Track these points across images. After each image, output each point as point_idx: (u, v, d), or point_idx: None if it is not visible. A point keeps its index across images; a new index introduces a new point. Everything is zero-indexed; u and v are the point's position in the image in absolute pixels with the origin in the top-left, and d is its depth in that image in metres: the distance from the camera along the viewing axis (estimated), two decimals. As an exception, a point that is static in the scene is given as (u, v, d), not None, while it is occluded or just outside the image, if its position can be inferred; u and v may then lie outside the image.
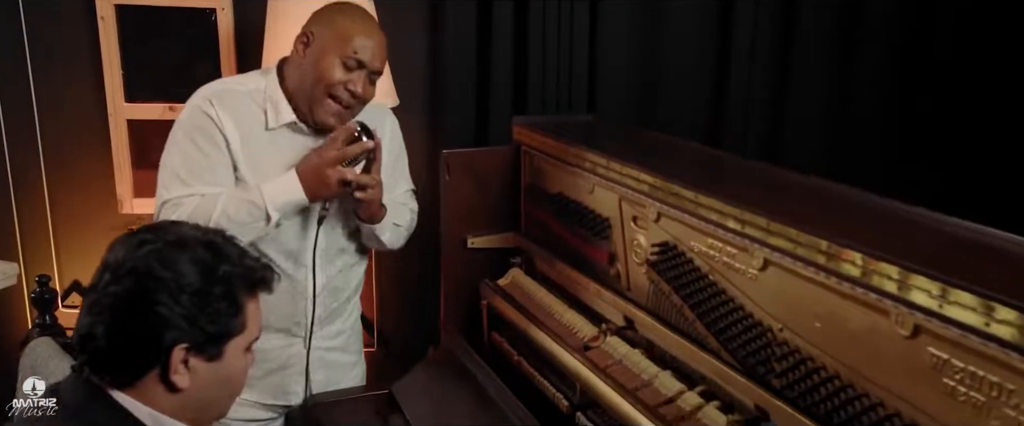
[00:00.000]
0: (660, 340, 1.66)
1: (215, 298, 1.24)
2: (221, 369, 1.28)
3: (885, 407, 1.18)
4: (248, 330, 1.31)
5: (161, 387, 1.24)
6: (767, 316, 1.40)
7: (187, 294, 1.21)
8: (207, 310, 1.23)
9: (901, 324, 1.13)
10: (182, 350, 1.22)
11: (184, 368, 1.23)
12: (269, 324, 2.04)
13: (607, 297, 1.82)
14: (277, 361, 2.10)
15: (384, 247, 2.14)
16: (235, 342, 1.28)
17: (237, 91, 1.96)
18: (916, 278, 1.09)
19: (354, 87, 1.89)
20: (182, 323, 1.21)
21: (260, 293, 1.34)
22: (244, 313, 1.28)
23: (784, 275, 1.35)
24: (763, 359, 1.41)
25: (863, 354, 1.21)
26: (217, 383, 1.29)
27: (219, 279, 1.25)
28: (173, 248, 1.24)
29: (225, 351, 1.27)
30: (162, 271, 1.21)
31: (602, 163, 1.83)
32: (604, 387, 1.66)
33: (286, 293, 2.03)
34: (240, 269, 1.28)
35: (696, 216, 1.53)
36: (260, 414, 2.14)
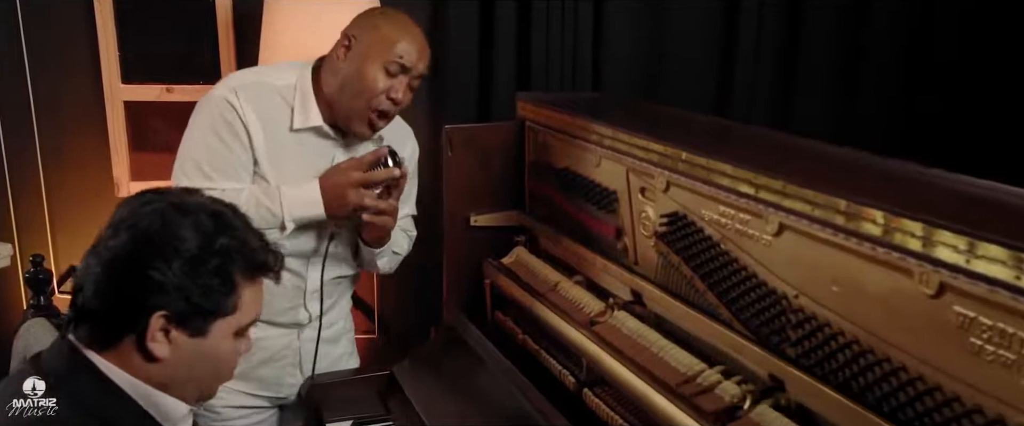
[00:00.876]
0: (669, 313, 1.61)
1: (207, 270, 1.19)
2: (204, 348, 1.22)
3: (907, 371, 1.14)
4: (241, 314, 1.25)
5: (138, 355, 1.19)
6: (782, 283, 1.36)
7: (179, 260, 1.16)
8: (197, 281, 1.18)
9: (925, 283, 1.08)
10: (162, 317, 1.17)
11: (163, 337, 1.18)
12: (263, 317, 2.00)
13: (614, 271, 1.78)
14: (270, 351, 2.05)
15: (377, 271, 2.11)
16: (223, 323, 1.23)
17: (268, 85, 1.90)
18: (941, 233, 1.05)
19: (395, 94, 1.84)
20: (167, 289, 1.16)
21: (261, 279, 1.28)
22: (238, 294, 1.23)
23: (800, 239, 1.31)
24: (777, 328, 1.37)
25: (884, 317, 1.17)
26: (199, 362, 1.23)
27: (216, 252, 1.20)
28: (176, 211, 1.19)
29: (211, 329, 1.22)
30: (159, 232, 1.17)
31: (608, 134, 1.79)
32: (612, 362, 1.61)
33: (284, 287, 1.99)
34: (243, 248, 1.23)
35: (707, 183, 1.48)
36: (252, 402, 2.10)
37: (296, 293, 2.00)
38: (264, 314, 1.97)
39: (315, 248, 1.97)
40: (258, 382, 2.06)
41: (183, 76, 2.86)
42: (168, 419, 1.24)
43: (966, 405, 1.06)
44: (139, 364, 1.20)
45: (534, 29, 2.40)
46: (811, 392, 1.27)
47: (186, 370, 1.23)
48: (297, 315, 2.03)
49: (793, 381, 1.30)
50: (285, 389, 2.09)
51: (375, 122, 1.87)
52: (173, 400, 1.24)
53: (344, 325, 2.22)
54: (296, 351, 2.07)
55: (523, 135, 2.15)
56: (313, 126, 1.89)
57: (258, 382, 2.06)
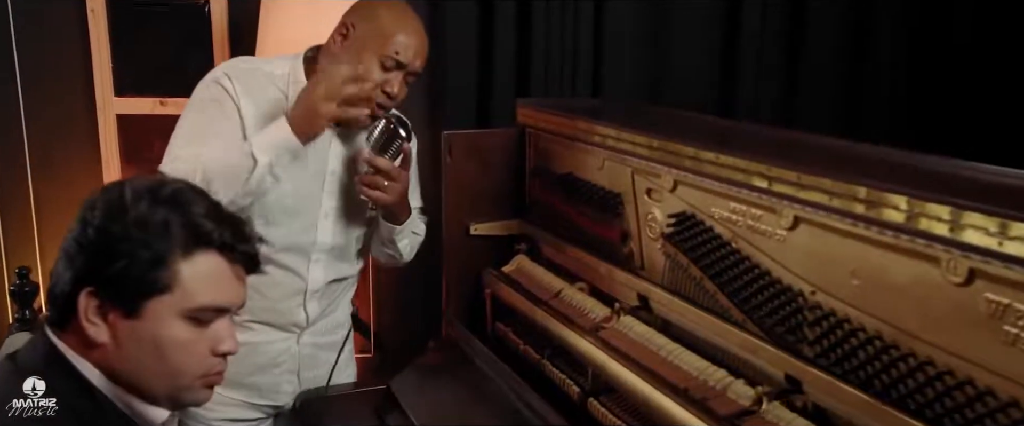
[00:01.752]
0: (678, 317, 1.55)
1: (127, 241, 1.09)
2: (143, 332, 1.11)
3: (935, 365, 1.08)
4: (182, 294, 1.12)
5: (83, 338, 1.11)
6: (797, 280, 1.30)
7: (106, 231, 1.08)
8: (114, 252, 1.08)
9: (953, 270, 1.03)
10: (90, 295, 1.09)
11: (100, 320, 1.10)
12: (261, 318, 1.94)
13: (620, 277, 1.72)
14: (267, 357, 1.98)
15: (397, 257, 2.01)
16: (159, 302, 1.11)
17: (261, 71, 1.85)
18: (971, 216, 0.99)
19: (390, 89, 1.78)
20: (91, 264, 1.09)
21: (213, 254, 1.15)
22: (170, 270, 1.10)
23: (816, 232, 1.25)
24: (793, 327, 1.31)
25: (909, 310, 1.11)
26: (140, 347, 1.12)
27: (144, 220, 1.10)
28: (122, 185, 1.13)
29: (144, 309, 1.10)
30: (90, 209, 1.11)
31: (612, 134, 1.74)
32: (619, 368, 1.55)
33: (283, 287, 1.93)
34: (183, 217, 1.12)
35: (717, 179, 1.43)
36: (248, 414, 2.02)
37: (295, 293, 1.94)
38: (261, 315, 1.94)
39: (313, 241, 1.90)
40: (253, 390, 1.99)
41: (177, 89, 2.80)
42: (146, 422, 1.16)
43: (1000, 398, 1.00)
44: (87, 350, 1.12)
45: (534, 33, 2.36)
46: (832, 391, 1.20)
47: (130, 358, 1.12)
48: (296, 316, 1.96)
49: (812, 381, 1.24)
50: (282, 397, 2.02)
51: (371, 113, 1.81)
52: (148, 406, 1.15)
53: (345, 333, 2.15)
54: (295, 356, 1.99)
55: (524, 142, 2.10)
56: None
57: (253, 390, 1.99)
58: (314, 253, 1.92)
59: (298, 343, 1.99)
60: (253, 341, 1.95)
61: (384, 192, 1.80)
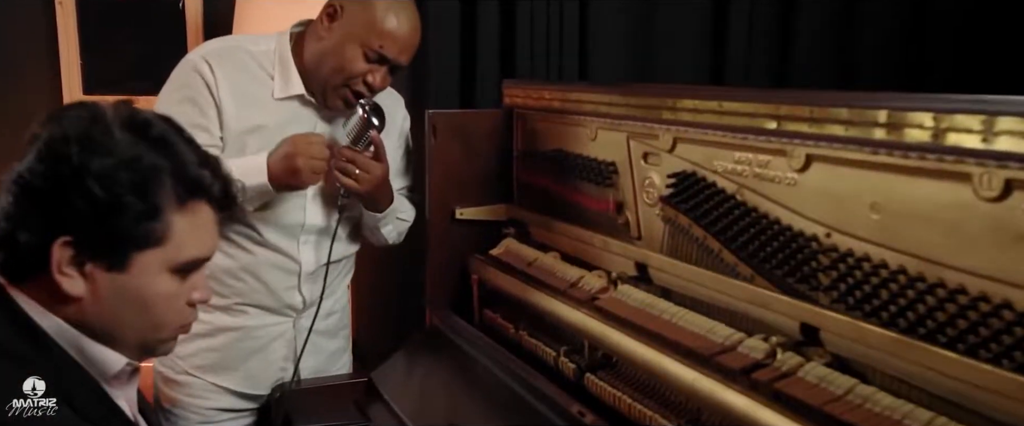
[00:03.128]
0: (679, 281, 1.47)
1: (122, 187, 0.99)
2: (127, 286, 1.03)
3: (966, 292, 1.01)
4: (172, 247, 1.04)
5: (51, 292, 1.01)
6: (810, 224, 1.23)
7: (86, 174, 0.98)
8: (107, 200, 0.99)
9: (988, 185, 0.96)
10: (66, 245, 0.99)
11: (76, 272, 1.00)
12: (256, 301, 1.86)
13: (615, 247, 1.64)
14: (261, 341, 1.89)
15: (382, 241, 1.95)
16: (148, 255, 1.03)
17: (245, 50, 1.79)
18: (1005, 120, 0.93)
19: (371, 79, 1.73)
20: (71, 209, 0.98)
21: (203, 206, 1.08)
22: (165, 220, 1.03)
23: (831, 169, 1.19)
24: (807, 274, 1.23)
25: (937, 237, 1.04)
26: (123, 303, 1.04)
27: (133, 164, 1.00)
28: (90, 120, 1.02)
29: (131, 263, 1.02)
30: (64, 143, 0.99)
31: (606, 100, 1.68)
32: (618, 336, 1.47)
33: (277, 267, 1.85)
34: (173, 162, 1.04)
35: (721, 128, 1.37)
36: (237, 404, 1.93)
37: (289, 275, 1.84)
38: (256, 298, 1.85)
39: (301, 222, 1.82)
40: (247, 377, 1.89)
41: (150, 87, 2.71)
42: (102, 372, 1.06)
43: None
44: (56, 305, 1.02)
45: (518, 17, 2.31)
46: (853, 335, 1.13)
47: (111, 314, 1.04)
48: (292, 298, 1.87)
49: (830, 326, 1.16)
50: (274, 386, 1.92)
51: (350, 98, 1.74)
52: (106, 351, 1.06)
53: (341, 319, 2.06)
54: (290, 341, 1.90)
55: (511, 125, 2.03)
56: (295, 94, 1.77)
57: (247, 377, 1.89)
58: (303, 234, 1.85)
59: (294, 327, 1.91)
60: (248, 325, 1.88)
61: (357, 181, 1.74)
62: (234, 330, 1.87)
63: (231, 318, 1.87)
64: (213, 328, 1.87)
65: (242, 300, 1.85)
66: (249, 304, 1.86)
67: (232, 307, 1.86)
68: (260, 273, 1.84)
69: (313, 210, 1.84)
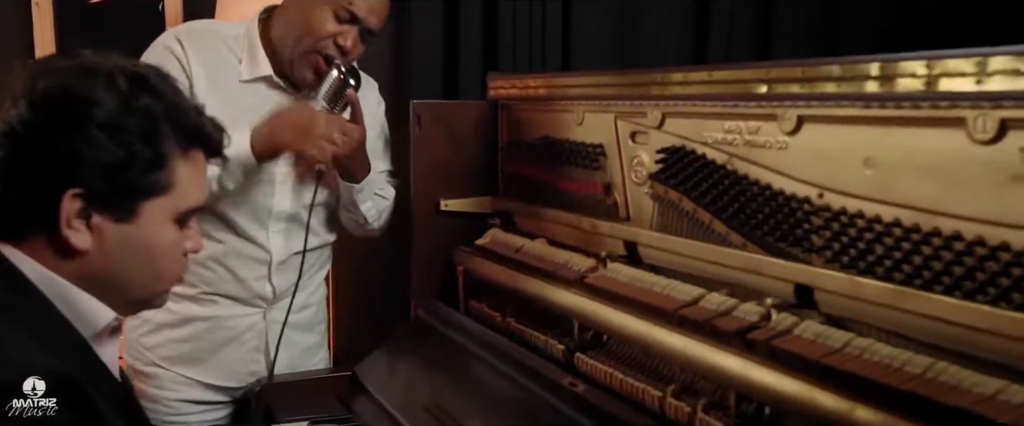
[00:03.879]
0: (669, 255, 1.47)
1: (130, 136, 0.99)
2: (135, 236, 1.02)
3: (962, 238, 1.01)
4: (177, 195, 1.05)
5: (56, 247, 0.99)
6: (802, 186, 1.23)
7: (92, 125, 0.97)
8: (116, 150, 0.98)
9: (982, 127, 0.97)
10: (76, 197, 0.97)
11: (83, 225, 0.99)
12: (226, 291, 1.83)
13: (604, 228, 1.63)
14: (232, 332, 1.86)
15: (363, 223, 1.92)
16: (155, 204, 1.03)
17: (215, 33, 1.79)
18: (999, 60, 0.94)
19: (343, 41, 1.72)
20: (80, 162, 0.97)
21: (200, 155, 1.09)
22: (170, 168, 1.03)
23: (822, 129, 1.19)
24: (800, 237, 1.23)
25: (931, 186, 1.04)
26: (131, 253, 1.03)
27: (139, 113, 1.00)
28: (84, 72, 1.00)
29: (140, 212, 1.02)
30: (65, 95, 0.98)
31: (592, 82, 1.68)
32: (608, 312, 1.45)
33: (246, 256, 1.83)
34: (172, 111, 1.04)
35: (712, 98, 1.37)
36: (208, 396, 1.89)
37: (259, 265, 1.82)
38: (226, 288, 1.82)
39: (270, 207, 1.80)
40: (217, 369, 1.86)
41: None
42: (87, 325, 1.03)
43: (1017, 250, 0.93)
44: (58, 261, 1.00)
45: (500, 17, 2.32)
46: (847, 289, 1.12)
47: (118, 266, 1.03)
48: (262, 289, 1.84)
49: (825, 282, 1.16)
50: (247, 379, 1.88)
51: (320, 66, 1.73)
52: (95, 302, 1.03)
53: (317, 313, 2.02)
54: (261, 333, 1.87)
55: (496, 117, 2.02)
56: (262, 76, 1.77)
57: (217, 369, 1.86)
58: (272, 221, 1.82)
59: (265, 319, 1.87)
60: (217, 315, 1.85)
61: (335, 145, 1.71)
62: (203, 320, 1.84)
63: (200, 308, 1.83)
64: (182, 318, 1.83)
65: (211, 290, 1.82)
66: (218, 294, 1.83)
67: (200, 297, 1.83)
68: (229, 262, 1.81)
69: (282, 194, 1.81)
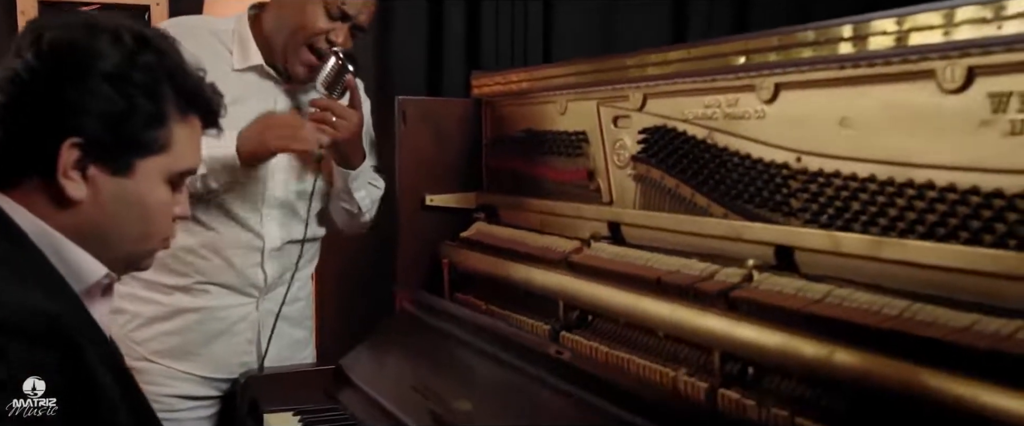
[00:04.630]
0: (652, 232, 1.50)
1: (132, 89, 1.00)
2: (130, 191, 1.03)
3: (934, 186, 1.05)
4: (173, 156, 1.06)
5: (50, 197, 1.00)
6: (780, 152, 1.27)
7: (95, 76, 0.98)
8: (119, 102, 0.99)
9: (950, 76, 1.02)
10: (75, 147, 0.98)
11: (79, 176, 1.00)
12: (219, 280, 1.83)
13: (588, 211, 1.66)
14: (225, 323, 1.86)
15: (355, 213, 1.93)
16: (152, 163, 1.04)
17: (204, 25, 1.82)
18: (965, 10, 0.99)
19: (335, 37, 1.75)
20: (82, 110, 0.98)
21: (197, 120, 1.10)
22: (169, 127, 1.04)
23: (799, 94, 1.24)
24: (779, 203, 1.27)
25: (904, 139, 1.09)
26: (124, 207, 1.04)
27: (142, 68, 1.01)
28: (89, 27, 1.02)
29: (137, 168, 1.03)
30: (70, 46, 0.99)
31: (573, 70, 1.73)
32: (592, 288, 1.49)
33: (239, 242, 1.83)
34: (174, 70, 1.06)
35: (692, 74, 1.41)
36: (199, 390, 1.88)
37: (252, 251, 1.83)
38: (218, 276, 1.83)
39: (263, 193, 1.81)
40: (209, 361, 1.85)
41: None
42: (78, 279, 1.03)
43: (1008, 194, 0.97)
44: (51, 211, 1.01)
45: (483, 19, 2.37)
46: (826, 245, 1.16)
47: (110, 220, 1.03)
48: (255, 276, 1.84)
49: (804, 240, 1.20)
50: (238, 370, 1.87)
51: (313, 63, 1.76)
52: (87, 256, 1.03)
53: (306, 307, 2.03)
54: (254, 324, 1.87)
55: (480, 115, 2.06)
56: (253, 65, 1.79)
57: (209, 361, 1.85)
58: (265, 208, 1.83)
59: (257, 309, 1.88)
60: (210, 306, 1.84)
61: (334, 129, 1.74)
62: (195, 311, 1.83)
63: (192, 298, 1.83)
64: (173, 310, 1.83)
65: (203, 279, 1.82)
66: (210, 283, 1.83)
67: (193, 287, 1.83)
68: (222, 250, 1.81)
69: (276, 181, 1.82)
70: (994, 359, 0.87)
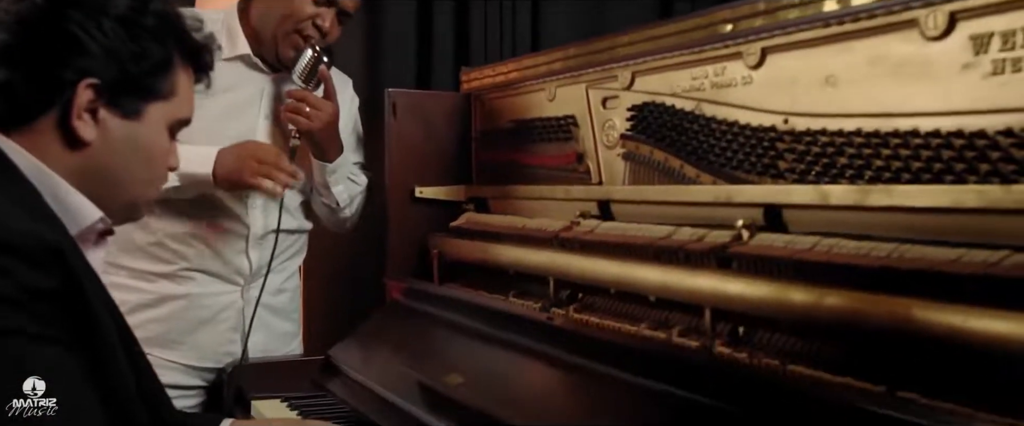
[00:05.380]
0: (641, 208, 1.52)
1: (144, 33, 1.04)
2: (139, 135, 1.07)
3: (919, 133, 1.07)
4: (177, 103, 1.10)
5: (59, 139, 1.02)
6: (767, 115, 1.29)
7: (108, 18, 1.02)
8: (131, 44, 1.03)
9: (933, 24, 1.04)
10: (91, 88, 1.01)
11: (90, 118, 1.02)
12: (204, 267, 1.83)
13: (577, 192, 1.67)
14: (210, 311, 1.86)
15: (335, 209, 1.94)
16: (159, 108, 1.08)
17: (192, 17, 1.84)
18: (946, -44, 1.02)
19: (322, 22, 1.79)
20: (96, 52, 1.01)
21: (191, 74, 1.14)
22: (174, 74, 1.09)
23: (785, 57, 1.26)
24: (767, 165, 1.29)
25: (889, 91, 1.11)
26: (131, 150, 1.07)
27: (152, 13, 1.06)
28: None
29: (145, 113, 1.06)
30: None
31: (560, 56, 1.75)
32: (583, 262, 1.49)
33: (225, 229, 1.84)
34: (179, 20, 1.11)
35: (679, 47, 1.44)
36: (185, 380, 1.88)
37: (238, 238, 1.83)
38: (203, 263, 1.82)
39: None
40: (194, 349, 1.84)
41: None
42: (74, 221, 1.03)
43: (990, 134, 0.99)
44: (58, 153, 1.02)
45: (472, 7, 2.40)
46: (814, 199, 1.18)
47: (118, 164, 1.06)
48: (240, 263, 1.84)
49: (792, 196, 1.21)
50: (223, 359, 1.87)
51: (300, 44, 1.79)
52: (84, 199, 1.04)
53: (292, 299, 2.02)
54: (239, 311, 1.87)
55: (469, 110, 2.08)
56: (240, 54, 1.81)
57: (194, 349, 1.84)
58: (251, 196, 1.84)
59: (243, 298, 1.87)
60: (195, 293, 1.84)
61: (308, 119, 1.76)
62: (180, 298, 1.83)
63: (177, 286, 1.83)
64: (158, 298, 1.83)
65: (188, 266, 1.83)
66: (195, 270, 1.83)
67: (177, 274, 1.83)
68: (207, 236, 1.82)
69: None
70: (984, 283, 0.88)
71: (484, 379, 1.44)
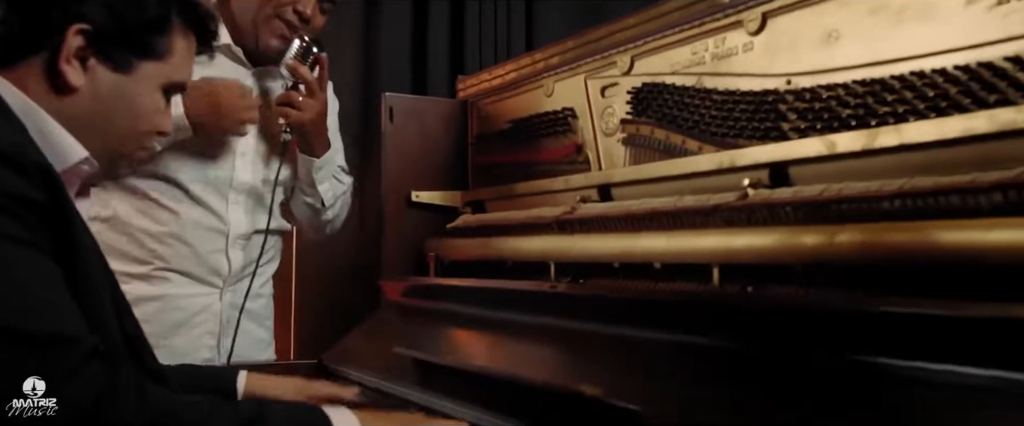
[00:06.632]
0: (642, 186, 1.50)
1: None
2: (126, 89, 1.07)
3: (925, 75, 1.07)
4: (171, 65, 1.10)
5: (46, 81, 1.01)
6: (770, 79, 1.29)
7: None
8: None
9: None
10: (81, 34, 1.01)
11: (79, 64, 1.02)
12: (181, 267, 1.79)
13: (577, 180, 1.66)
14: (186, 313, 1.79)
15: (319, 209, 1.91)
16: (151, 67, 1.08)
17: None
18: None
19: (302, 8, 1.77)
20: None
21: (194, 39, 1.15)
22: (170, 37, 1.09)
23: (786, 18, 1.27)
24: (770, 129, 1.28)
25: (888, 36, 1.12)
26: (117, 102, 1.06)
27: None
28: None
29: (135, 68, 1.07)
30: None
31: (558, 50, 1.76)
32: (585, 241, 1.48)
33: (203, 227, 1.79)
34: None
35: (682, 24, 1.45)
36: (159, 386, 1.79)
37: (215, 238, 1.79)
38: (181, 263, 1.78)
39: (230, 177, 1.79)
40: (169, 354, 1.76)
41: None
42: (59, 158, 1.01)
43: (997, 65, 0.99)
44: (43, 95, 1.02)
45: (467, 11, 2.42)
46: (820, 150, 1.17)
47: (102, 113, 1.05)
48: (218, 263, 1.79)
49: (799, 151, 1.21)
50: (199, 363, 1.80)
51: (285, 35, 1.77)
52: (70, 137, 1.03)
53: (267, 306, 1.97)
54: (216, 315, 1.80)
55: (465, 117, 2.08)
56: (220, 44, 1.79)
57: (169, 354, 1.76)
58: (232, 193, 1.81)
59: (220, 300, 1.82)
60: (171, 294, 1.78)
61: (301, 110, 1.75)
62: (155, 299, 1.75)
63: (152, 287, 1.75)
64: (132, 299, 1.75)
65: (164, 265, 1.76)
66: (171, 270, 1.77)
67: (152, 275, 1.75)
68: (186, 236, 1.76)
69: (243, 166, 1.80)
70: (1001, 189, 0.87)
71: (482, 354, 1.41)
